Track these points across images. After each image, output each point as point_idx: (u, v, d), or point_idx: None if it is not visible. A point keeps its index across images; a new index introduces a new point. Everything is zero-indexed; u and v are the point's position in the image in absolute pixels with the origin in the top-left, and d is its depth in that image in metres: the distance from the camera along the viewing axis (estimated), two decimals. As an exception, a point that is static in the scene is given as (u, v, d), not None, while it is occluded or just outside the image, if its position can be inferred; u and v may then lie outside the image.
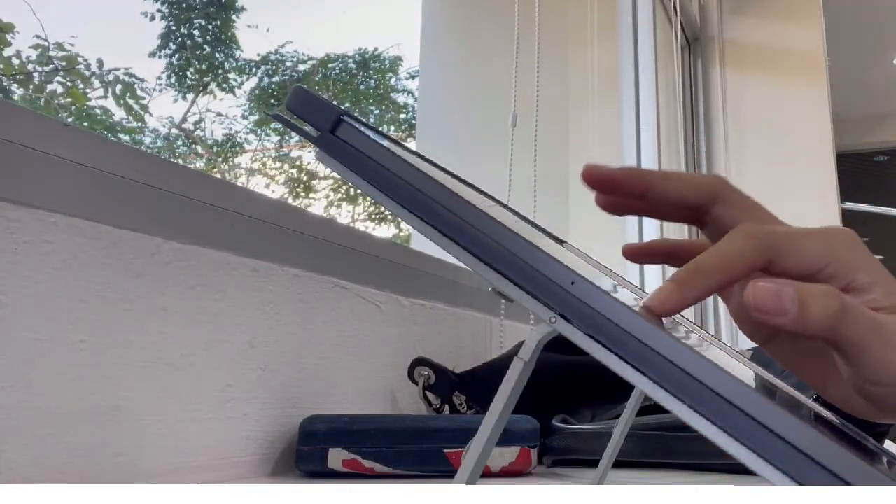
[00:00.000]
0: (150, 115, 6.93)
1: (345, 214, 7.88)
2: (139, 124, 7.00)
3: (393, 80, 8.23)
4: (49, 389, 0.44)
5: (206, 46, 7.65)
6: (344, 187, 7.65)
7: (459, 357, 0.92)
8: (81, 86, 6.37)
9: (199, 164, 7.58)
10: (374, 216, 7.72)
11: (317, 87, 7.62)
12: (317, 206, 7.73)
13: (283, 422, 0.62)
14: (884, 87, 3.92)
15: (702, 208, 0.32)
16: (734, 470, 0.58)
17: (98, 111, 6.60)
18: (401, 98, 8.23)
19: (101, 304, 0.47)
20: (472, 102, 1.95)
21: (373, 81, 8.20)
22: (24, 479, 0.42)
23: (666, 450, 0.61)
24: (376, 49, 8.08)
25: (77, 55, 6.30)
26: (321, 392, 0.67)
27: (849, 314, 0.25)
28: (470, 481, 0.23)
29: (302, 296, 0.66)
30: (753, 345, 0.33)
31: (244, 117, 8.05)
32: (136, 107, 6.64)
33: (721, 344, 0.32)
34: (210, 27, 7.61)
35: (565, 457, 0.65)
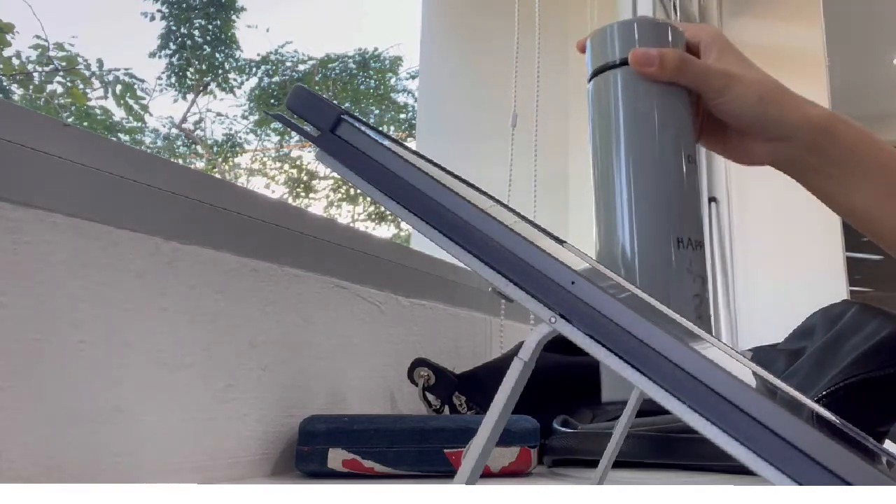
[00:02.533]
0: (150, 115, 6.94)
1: (345, 214, 7.89)
2: (139, 124, 7.01)
3: (393, 80, 8.23)
4: (49, 389, 0.44)
5: (206, 46, 7.65)
6: (344, 187, 7.65)
7: (459, 357, 0.92)
8: (81, 86, 6.37)
9: (199, 164, 7.58)
10: (374, 216, 7.72)
11: (317, 87, 7.62)
12: (317, 206, 7.74)
13: (283, 422, 0.62)
14: (884, 87, 3.92)
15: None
16: (734, 471, 0.58)
17: (98, 111, 6.60)
18: (401, 98, 8.24)
19: (101, 304, 0.47)
20: (472, 102, 1.95)
21: (373, 81, 8.21)
22: (24, 479, 0.42)
23: (666, 451, 0.61)
24: (376, 49, 8.08)
25: (77, 55, 6.30)
26: (321, 392, 0.67)
27: (686, 63, 0.47)
28: (470, 481, 0.23)
29: (302, 296, 0.66)
30: (753, 345, 0.34)
31: (244, 117, 8.06)
32: (136, 107, 6.64)
33: (721, 344, 0.32)
34: (210, 27, 7.61)
35: (565, 457, 0.65)
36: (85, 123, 6.24)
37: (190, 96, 7.71)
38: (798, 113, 0.52)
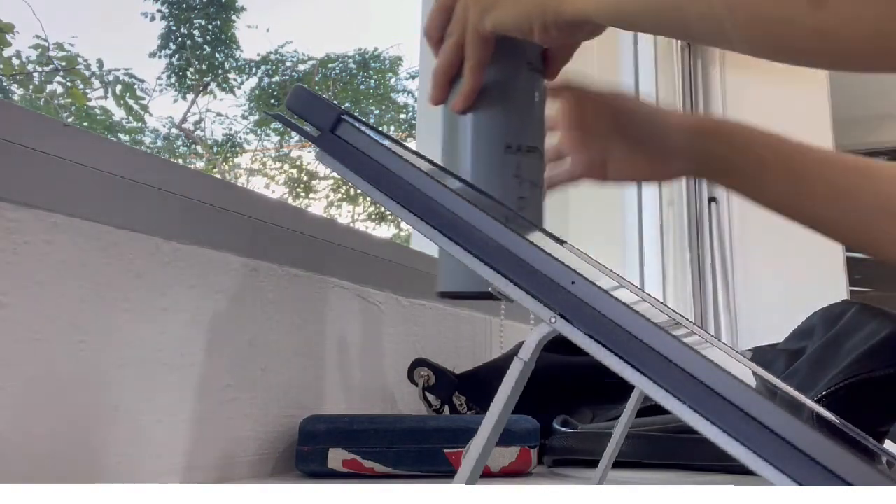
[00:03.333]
0: (150, 115, 6.93)
1: (345, 214, 7.88)
2: (139, 124, 7.00)
3: (393, 80, 8.23)
4: (49, 389, 0.44)
5: (206, 46, 7.65)
6: (344, 187, 7.65)
7: (459, 357, 0.92)
8: (81, 86, 6.37)
9: (199, 164, 7.57)
10: (374, 216, 7.72)
11: (317, 87, 7.62)
12: (317, 206, 7.73)
13: (283, 422, 0.62)
14: (884, 87, 3.92)
15: None
16: (734, 471, 0.58)
17: (98, 111, 6.60)
18: (401, 98, 8.23)
19: (101, 304, 0.47)
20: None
21: (373, 81, 8.20)
22: (24, 479, 0.42)
23: (666, 452, 0.61)
24: (376, 49, 8.08)
25: (77, 55, 6.29)
26: (321, 392, 0.67)
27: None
28: (470, 481, 0.23)
29: (302, 296, 0.66)
30: (753, 345, 0.34)
31: (244, 117, 8.05)
32: (136, 107, 6.63)
33: (721, 344, 0.32)
34: (210, 27, 7.60)
35: (565, 457, 0.65)
36: (85, 123, 6.23)
37: (190, 96, 7.70)
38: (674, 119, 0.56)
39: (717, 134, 0.56)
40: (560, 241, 0.33)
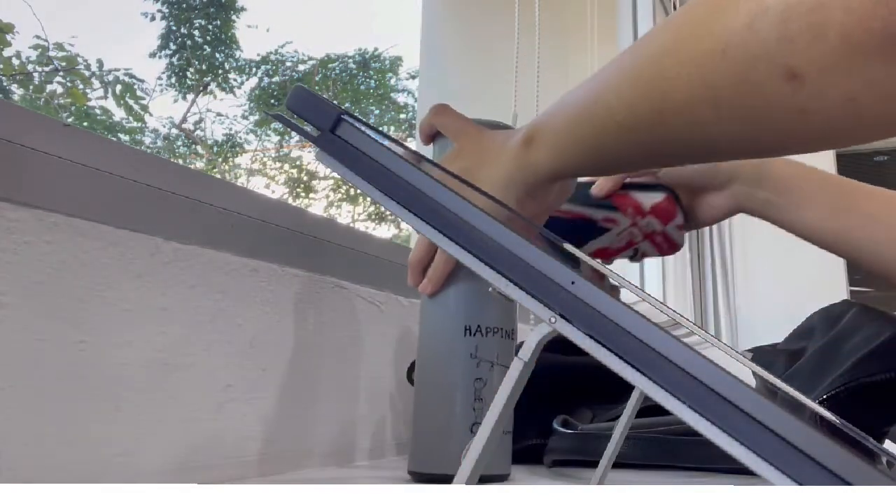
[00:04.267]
0: (150, 115, 6.93)
1: (345, 214, 7.88)
2: (139, 124, 7.01)
3: (393, 80, 8.23)
4: (49, 389, 0.44)
5: (206, 46, 7.66)
6: (344, 187, 7.65)
7: (459, 357, 0.92)
8: (81, 86, 6.37)
9: (199, 164, 7.58)
10: (374, 216, 7.72)
11: (317, 87, 7.61)
12: (317, 206, 7.74)
13: (283, 422, 0.62)
14: (884, 88, 3.91)
15: None
16: (734, 472, 0.58)
17: (98, 111, 6.60)
18: (401, 98, 8.24)
19: (101, 304, 0.47)
20: (472, 102, 1.95)
21: (373, 81, 8.21)
22: (24, 479, 0.42)
23: (666, 453, 0.61)
24: (376, 49, 8.09)
25: (77, 55, 6.30)
26: (320, 392, 0.67)
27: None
28: (470, 481, 0.23)
29: (302, 296, 0.66)
30: (753, 345, 0.34)
31: (244, 117, 8.06)
32: (136, 107, 6.63)
33: (721, 344, 0.32)
34: (210, 27, 7.61)
35: (566, 457, 0.65)
36: (85, 123, 6.24)
37: (190, 96, 7.71)
38: None
39: (758, 178, 0.62)
40: (560, 241, 0.33)
